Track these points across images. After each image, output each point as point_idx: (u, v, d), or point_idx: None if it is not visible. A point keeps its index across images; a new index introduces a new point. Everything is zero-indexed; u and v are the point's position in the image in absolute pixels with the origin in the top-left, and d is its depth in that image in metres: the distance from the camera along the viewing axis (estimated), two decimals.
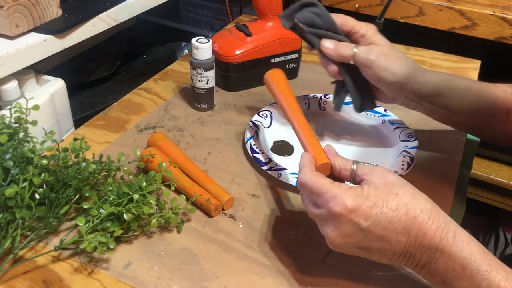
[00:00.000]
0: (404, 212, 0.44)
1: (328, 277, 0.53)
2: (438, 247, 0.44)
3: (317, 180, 0.47)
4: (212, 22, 1.36)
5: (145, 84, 0.91)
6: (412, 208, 0.44)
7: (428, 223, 0.44)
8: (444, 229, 0.44)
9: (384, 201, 0.45)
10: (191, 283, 0.52)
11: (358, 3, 1.12)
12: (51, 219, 0.55)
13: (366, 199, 0.45)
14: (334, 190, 0.46)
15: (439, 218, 0.44)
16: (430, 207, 0.45)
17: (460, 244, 0.43)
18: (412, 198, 0.45)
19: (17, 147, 0.58)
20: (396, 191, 0.45)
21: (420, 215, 0.44)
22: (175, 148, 0.69)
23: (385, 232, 0.45)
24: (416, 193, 0.46)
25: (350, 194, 0.45)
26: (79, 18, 0.80)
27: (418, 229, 0.44)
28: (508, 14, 0.98)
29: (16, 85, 0.73)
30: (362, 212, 0.45)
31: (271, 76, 0.68)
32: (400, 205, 0.44)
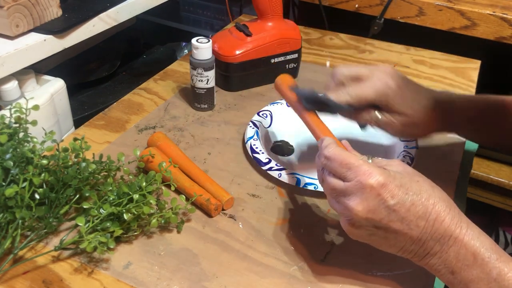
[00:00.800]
0: (426, 197, 0.46)
1: (328, 277, 0.53)
2: (452, 235, 0.45)
3: (348, 154, 0.48)
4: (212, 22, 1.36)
5: (145, 84, 0.91)
6: (432, 195, 0.46)
7: (446, 211, 0.45)
8: (458, 219, 0.45)
9: (409, 184, 0.46)
10: (191, 283, 0.52)
11: (358, 3, 1.12)
12: (51, 219, 0.55)
13: (394, 179, 0.46)
14: (366, 164, 0.47)
15: (454, 209, 0.46)
16: (446, 198, 0.47)
17: (472, 234, 0.45)
18: (431, 187, 0.47)
19: (17, 147, 0.58)
20: (417, 178, 0.47)
21: (438, 203, 0.46)
22: (175, 148, 0.69)
23: (408, 214, 0.45)
24: (432, 183, 0.48)
25: (381, 172, 0.46)
26: (79, 18, 0.80)
27: (437, 216, 0.45)
28: (508, 14, 0.98)
29: (16, 85, 0.73)
30: (390, 189, 0.45)
31: (282, 80, 0.66)
32: (422, 190, 0.46)
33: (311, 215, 0.61)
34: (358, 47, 1.05)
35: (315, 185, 0.63)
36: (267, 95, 0.87)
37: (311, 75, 0.94)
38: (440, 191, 0.47)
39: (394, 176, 0.46)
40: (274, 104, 0.79)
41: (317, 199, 0.64)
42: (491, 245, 0.45)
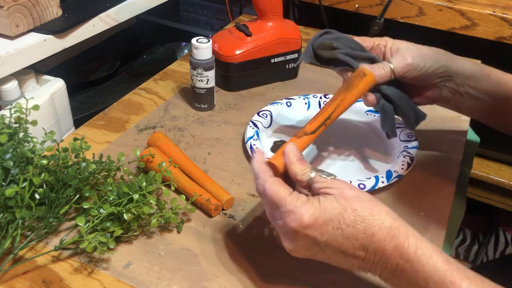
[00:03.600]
0: (362, 229, 0.43)
1: (328, 277, 0.53)
2: (399, 262, 0.43)
3: (276, 190, 0.46)
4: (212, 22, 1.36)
5: (145, 84, 0.91)
6: (370, 224, 0.43)
7: (387, 239, 0.43)
8: (404, 244, 0.43)
9: (341, 217, 0.44)
10: (191, 283, 0.52)
11: (358, 3, 1.12)
12: (51, 219, 0.55)
13: (323, 213, 0.44)
14: (291, 203, 0.45)
15: (399, 233, 0.43)
16: (389, 223, 0.43)
17: (422, 258, 0.42)
18: (370, 214, 0.44)
19: (17, 147, 0.58)
20: (354, 206, 0.44)
21: (378, 232, 0.43)
22: (175, 148, 0.69)
23: (342, 247, 0.44)
24: (375, 208, 0.44)
25: (307, 208, 0.44)
26: (79, 18, 0.80)
27: (377, 247, 0.43)
28: (508, 14, 0.98)
29: (16, 85, 0.73)
30: (318, 227, 0.44)
31: None
32: (358, 221, 0.43)
33: None
34: None
35: None
36: (267, 95, 0.87)
37: (311, 75, 0.94)
38: (384, 215, 0.44)
39: (324, 210, 0.44)
40: (274, 104, 0.79)
41: None
42: (444, 265, 0.42)
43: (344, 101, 0.59)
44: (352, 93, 0.59)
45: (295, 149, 0.50)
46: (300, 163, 0.49)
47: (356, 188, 0.46)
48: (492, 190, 1.19)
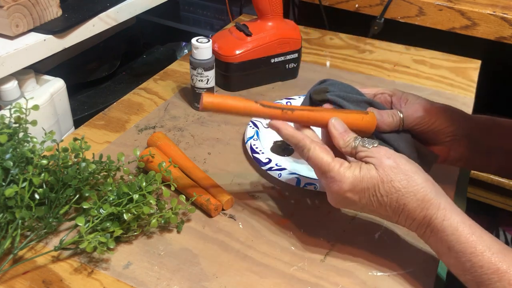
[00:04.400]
0: (395, 199, 0.48)
1: (328, 277, 0.53)
2: (426, 230, 0.48)
3: (320, 157, 0.50)
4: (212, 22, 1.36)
5: (145, 84, 0.91)
6: (403, 195, 0.47)
7: (417, 210, 0.47)
8: (432, 215, 0.47)
9: (377, 186, 0.48)
10: (191, 283, 0.52)
11: (358, 3, 1.12)
12: (51, 219, 0.55)
13: (361, 181, 0.48)
14: (334, 170, 0.49)
15: (430, 205, 0.47)
16: (421, 195, 0.47)
17: (448, 229, 0.46)
18: (404, 186, 0.47)
19: (17, 147, 0.58)
20: (391, 177, 0.47)
21: (410, 203, 0.47)
22: (175, 148, 0.69)
23: (378, 211, 0.50)
24: (410, 180, 0.47)
25: (348, 176, 0.48)
26: (79, 18, 0.80)
27: (407, 215, 0.48)
28: (508, 14, 0.98)
29: (16, 85, 0.73)
30: (356, 192, 0.49)
31: None
32: (392, 192, 0.47)
33: (311, 215, 0.61)
34: (358, 47, 1.05)
35: (315, 185, 0.63)
36: (267, 95, 0.87)
37: (311, 75, 0.94)
38: (419, 187, 0.47)
39: (362, 179, 0.48)
40: None
41: (317, 199, 0.64)
42: (468, 237, 0.45)
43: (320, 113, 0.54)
44: (338, 113, 0.54)
45: (336, 122, 0.52)
46: (342, 135, 0.52)
47: (396, 157, 0.49)
48: (492, 190, 1.19)
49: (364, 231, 0.59)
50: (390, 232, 0.59)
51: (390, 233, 0.59)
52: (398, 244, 0.57)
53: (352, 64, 0.98)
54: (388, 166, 0.48)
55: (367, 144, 0.50)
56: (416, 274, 0.53)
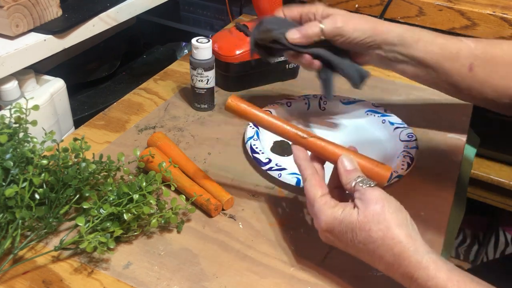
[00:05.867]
0: (371, 249, 0.46)
1: (328, 277, 0.53)
2: (411, 286, 0.44)
3: (310, 190, 0.51)
4: (212, 22, 1.36)
5: (145, 84, 0.91)
6: (379, 247, 0.45)
7: (394, 266, 0.45)
8: (413, 274, 0.43)
9: (355, 233, 0.46)
10: (191, 283, 0.52)
11: (358, 3, 1.12)
12: (51, 219, 0.55)
13: (340, 224, 0.47)
14: (318, 206, 0.49)
15: (408, 262, 0.44)
16: (399, 250, 0.44)
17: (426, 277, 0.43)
18: (382, 238, 0.45)
19: (17, 147, 0.58)
20: (370, 226, 0.45)
21: (385, 257, 0.45)
22: (175, 148, 0.69)
23: (358, 255, 0.48)
24: (389, 232, 0.45)
25: (328, 215, 0.48)
26: (79, 18, 0.80)
27: (386, 268, 0.46)
28: (508, 14, 0.98)
29: (16, 85, 0.73)
30: (335, 234, 0.48)
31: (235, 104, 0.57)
32: (369, 241, 0.46)
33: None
34: None
35: None
36: (267, 95, 0.87)
37: (311, 75, 0.94)
38: (396, 242, 0.44)
39: (341, 221, 0.47)
40: (274, 104, 0.79)
41: None
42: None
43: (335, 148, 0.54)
44: (353, 154, 0.54)
45: (346, 159, 0.52)
46: (348, 172, 0.51)
47: (386, 203, 0.46)
48: (492, 190, 1.18)
49: None
50: None
51: None
52: None
53: None
54: (372, 212, 0.46)
55: (364, 183, 0.49)
56: None
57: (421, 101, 0.86)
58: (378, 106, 0.79)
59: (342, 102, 0.81)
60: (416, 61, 0.64)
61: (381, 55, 0.64)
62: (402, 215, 0.46)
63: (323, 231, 0.49)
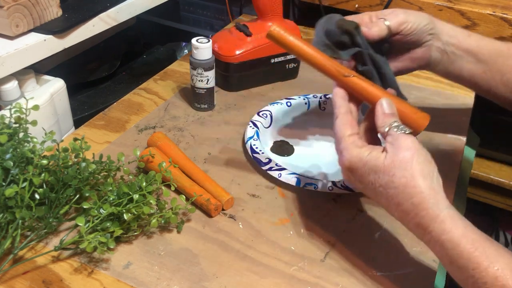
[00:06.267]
0: (391, 194, 0.46)
1: (328, 277, 0.53)
2: (424, 238, 0.45)
3: (340, 127, 0.51)
4: (212, 22, 1.36)
5: (145, 84, 0.91)
6: (399, 194, 0.45)
7: (410, 215, 0.45)
8: (428, 226, 0.44)
9: (377, 176, 0.47)
10: (191, 283, 0.52)
11: (358, 3, 1.12)
12: (51, 219, 0.55)
13: (364, 165, 0.48)
14: (345, 144, 0.50)
15: (425, 214, 0.44)
16: (418, 200, 0.44)
17: (447, 244, 0.43)
18: (405, 184, 0.45)
19: (17, 147, 0.58)
20: (394, 172, 0.46)
21: (404, 204, 0.45)
22: (175, 148, 0.69)
23: (376, 199, 0.49)
24: (412, 181, 0.45)
25: (354, 155, 0.49)
26: (79, 18, 0.80)
27: (401, 216, 0.47)
28: (508, 14, 0.98)
29: (16, 85, 0.73)
30: (357, 174, 0.49)
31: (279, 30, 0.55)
32: (390, 186, 0.46)
33: (311, 215, 0.61)
34: None
35: (315, 185, 0.63)
36: (267, 95, 0.87)
37: (311, 75, 0.94)
38: (415, 192, 0.44)
39: (366, 163, 0.48)
40: (274, 104, 0.79)
41: (317, 199, 0.64)
42: (469, 252, 0.42)
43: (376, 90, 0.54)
44: (393, 98, 0.54)
45: (386, 102, 0.52)
46: (384, 116, 0.51)
47: (415, 151, 0.46)
48: (492, 190, 1.18)
49: (364, 231, 0.59)
50: (390, 232, 0.59)
51: (390, 233, 0.59)
52: (398, 244, 0.57)
53: None
54: (400, 158, 0.46)
55: (399, 129, 0.48)
56: (416, 274, 0.54)
57: (421, 101, 0.86)
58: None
59: None
60: (471, 55, 0.63)
61: (440, 49, 0.63)
62: (429, 167, 0.46)
63: (345, 169, 0.50)
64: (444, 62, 0.65)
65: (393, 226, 0.59)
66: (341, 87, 0.54)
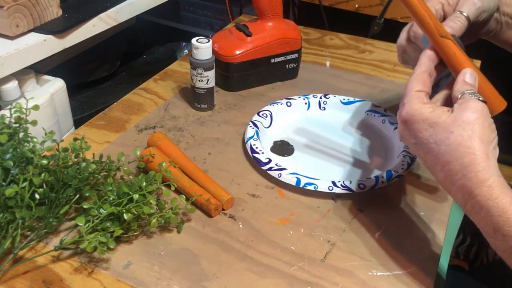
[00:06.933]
0: (442, 151, 0.45)
1: (328, 277, 0.53)
2: (468, 204, 0.44)
3: (410, 81, 0.50)
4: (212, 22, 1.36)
5: (145, 84, 0.91)
6: (450, 152, 0.44)
7: (458, 175, 0.44)
8: (474, 189, 0.43)
9: (434, 132, 0.45)
10: (191, 283, 0.52)
11: (358, 3, 1.12)
12: (51, 219, 0.55)
13: (423, 121, 0.46)
14: (410, 96, 0.48)
15: (473, 176, 0.43)
16: (468, 161, 0.43)
17: (493, 209, 0.42)
18: (458, 143, 0.44)
19: (17, 147, 0.58)
20: (453, 129, 0.44)
21: (452, 163, 0.44)
22: (175, 148, 0.69)
23: (424, 156, 0.47)
24: (469, 140, 0.43)
25: (415, 108, 0.47)
26: (79, 18, 0.80)
27: (447, 176, 0.45)
28: None
29: (16, 85, 0.73)
30: (413, 128, 0.47)
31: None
32: (444, 143, 0.45)
33: (311, 215, 0.61)
34: (358, 47, 1.05)
35: (315, 185, 0.63)
36: (267, 95, 0.87)
37: (311, 75, 0.94)
38: (469, 153, 0.43)
39: (425, 119, 0.46)
40: (274, 104, 0.79)
41: (317, 199, 0.64)
42: None
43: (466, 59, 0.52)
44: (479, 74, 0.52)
45: (470, 72, 0.50)
46: (464, 83, 0.49)
47: (480, 116, 0.45)
48: None
49: (364, 231, 0.59)
50: (390, 232, 0.59)
51: (390, 233, 0.59)
52: (398, 244, 0.57)
53: (352, 64, 0.98)
54: (464, 118, 0.44)
55: (474, 95, 0.47)
56: (416, 274, 0.53)
57: None
58: (378, 106, 0.79)
59: (342, 102, 0.81)
60: None
61: (496, 19, 0.60)
62: (491, 135, 0.45)
63: (402, 121, 0.48)
64: (497, 30, 0.62)
65: (393, 226, 0.59)
66: (433, 49, 0.52)
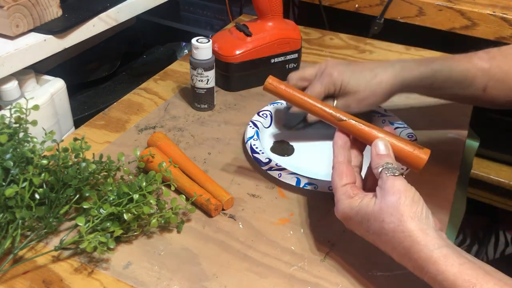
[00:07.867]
0: (384, 240, 0.47)
1: (328, 277, 0.53)
2: (424, 278, 0.44)
3: (334, 178, 0.53)
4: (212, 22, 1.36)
5: (145, 84, 0.91)
6: (390, 240, 0.46)
7: (405, 258, 0.46)
8: (424, 267, 0.44)
9: (369, 223, 0.48)
10: (191, 283, 0.52)
11: (358, 3, 1.12)
12: (51, 219, 0.55)
13: (356, 215, 0.49)
14: (338, 195, 0.51)
15: (418, 257, 0.44)
16: (408, 244, 0.44)
17: (444, 283, 0.42)
18: (394, 229, 0.45)
19: (17, 147, 0.58)
20: (383, 217, 0.46)
21: (397, 249, 0.46)
22: (175, 148, 0.69)
23: (375, 244, 0.49)
24: (402, 224, 0.45)
25: (345, 206, 0.50)
26: (79, 18, 0.80)
27: (398, 259, 0.47)
28: (508, 14, 0.98)
29: (16, 85, 0.73)
30: (352, 224, 0.51)
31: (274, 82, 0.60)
32: (382, 232, 0.47)
33: (311, 215, 0.61)
34: (358, 47, 1.05)
35: (315, 185, 0.63)
36: (267, 95, 0.87)
37: None
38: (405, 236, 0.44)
39: (357, 212, 0.49)
40: (274, 104, 0.79)
41: (317, 199, 0.64)
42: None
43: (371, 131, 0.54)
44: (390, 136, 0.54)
45: (380, 143, 0.52)
46: (378, 157, 0.51)
47: (403, 194, 0.46)
48: (492, 190, 1.19)
49: None
50: None
51: None
52: None
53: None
54: (387, 203, 0.46)
55: (388, 171, 0.48)
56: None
57: (421, 101, 0.85)
58: (378, 106, 0.79)
59: None
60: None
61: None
62: (417, 208, 0.46)
63: (341, 219, 0.51)
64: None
65: None
66: (340, 131, 0.56)
